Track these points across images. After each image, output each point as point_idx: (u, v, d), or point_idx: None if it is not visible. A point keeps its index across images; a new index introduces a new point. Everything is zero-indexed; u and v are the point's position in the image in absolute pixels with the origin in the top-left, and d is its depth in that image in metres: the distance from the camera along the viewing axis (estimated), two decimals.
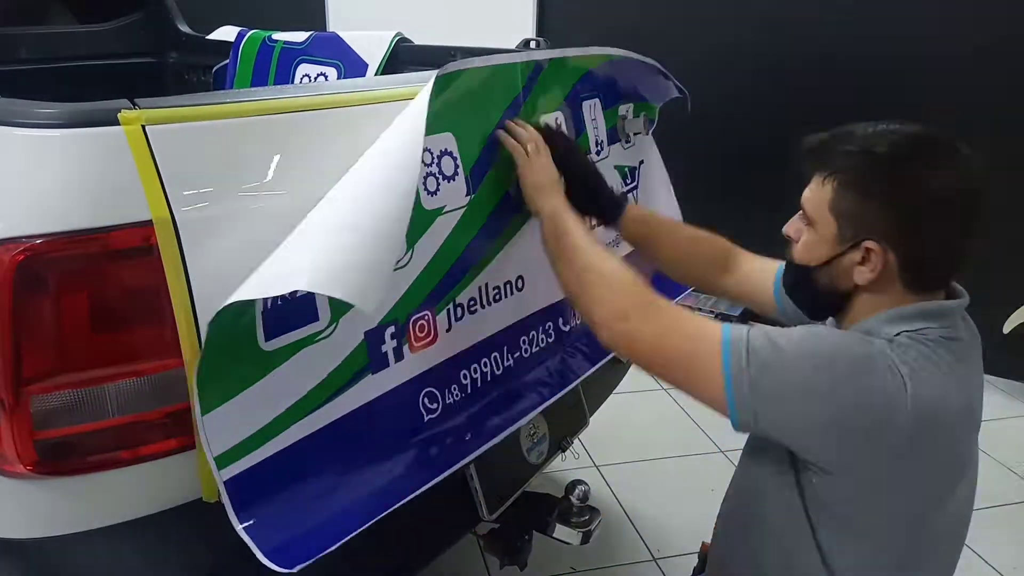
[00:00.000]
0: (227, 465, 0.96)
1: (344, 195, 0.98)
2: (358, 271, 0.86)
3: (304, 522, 1.04)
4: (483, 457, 1.31)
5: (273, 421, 1.01)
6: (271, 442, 1.00)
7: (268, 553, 0.96)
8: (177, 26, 2.60)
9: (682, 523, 2.23)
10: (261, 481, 0.99)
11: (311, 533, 1.03)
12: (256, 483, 0.98)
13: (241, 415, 0.97)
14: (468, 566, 2.04)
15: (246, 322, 0.96)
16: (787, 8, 3.25)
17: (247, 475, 0.98)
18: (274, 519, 1.00)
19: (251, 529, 0.97)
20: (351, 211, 0.95)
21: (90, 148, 0.86)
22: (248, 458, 0.98)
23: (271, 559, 0.96)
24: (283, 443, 1.02)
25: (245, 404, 0.97)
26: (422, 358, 1.21)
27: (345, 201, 0.97)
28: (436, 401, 1.24)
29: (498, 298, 1.34)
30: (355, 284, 0.85)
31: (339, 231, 0.91)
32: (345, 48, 2.11)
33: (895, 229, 1.02)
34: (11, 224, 0.86)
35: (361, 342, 1.10)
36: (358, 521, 1.07)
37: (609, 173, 1.68)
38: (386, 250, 0.91)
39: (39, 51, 2.43)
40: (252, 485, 0.98)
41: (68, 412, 0.92)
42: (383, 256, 0.91)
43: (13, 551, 0.97)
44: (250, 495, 0.98)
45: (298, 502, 1.04)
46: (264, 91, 1.14)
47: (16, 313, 0.86)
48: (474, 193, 1.23)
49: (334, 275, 0.84)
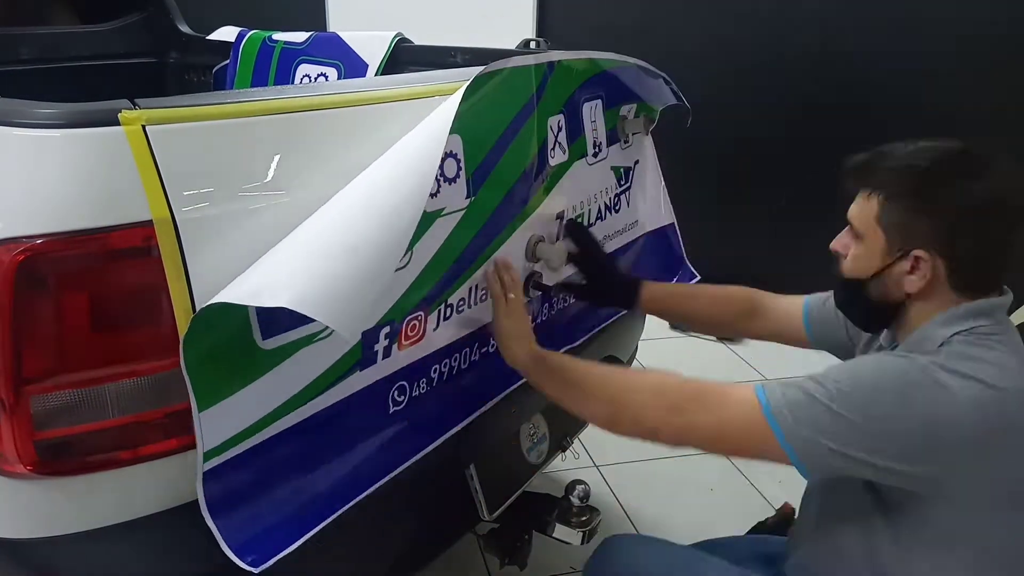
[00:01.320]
0: (210, 459, 0.97)
1: (351, 208, 0.98)
2: (349, 301, 0.86)
3: (273, 514, 1.04)
4: (483, 457, 1.31)
5: (263, 418, 1.01)
6: (254, 436, 1.01)
7: (236, 548, 0.97)
8: (178, 27, 2.60)
9: (682, 523, 2.23)
10: (235, 472, 1.00)
11: (279, 527, 1.04)
12: (230, 474, 0.99)
13: (235, 413, 0.97)
14: (468, 566, 2.04)
15: (241, 320, 0.96)
16: (787, 8, 3.25)
17: (224, 467, 0.98)
18: (243, 512, 1.01)
19: (219, 520, 0.98)
20: (354, 230, 0.94)
21: (91, 148, 0.86)
22: (229, 451, 0.99)
23: (238, 555, 0.97)
24: (262, 436, 1.03)
25: (241, 402, 0.97)
26: (406, 355, 1.22)
27: (351, 216, 0.96)
28: (405, 393, 1.25)
29: (483, 298, 1.35)
30: (343, 312, 0.85)
31: (339, 252, 0.91)
32: (345, 48, 2.11)
33: (941, 236, 1.07)
34: (11, 224, 0.86)
35: (358, 342, 1.11)
36: (323, 514, 1.08)
37: (606, 175, 1.68)
38: (380, 277, 0.92)
39: (40, 51, 2.43)
40: (226, 476, 0.99)
41: (68, 412, 0.92)
42: (376, 283, 0.91)
43: (13, 551, 0.97)
44: (223, 485, 0.98)
45: (268, 494, 1.05)
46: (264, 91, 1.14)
47: (16, 313, 0.86)
48: (474, 196, 1.23)
49: (324, 299, 0.84)
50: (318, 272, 0.88)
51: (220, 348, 0.93)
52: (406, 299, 1.16)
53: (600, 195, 1.67)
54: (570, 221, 1.47)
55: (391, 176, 1.02)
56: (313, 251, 0.92)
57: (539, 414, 1.59)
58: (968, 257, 1.08)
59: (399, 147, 1.07)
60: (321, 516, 1.08)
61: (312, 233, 0.95)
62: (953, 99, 2.91)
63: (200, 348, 0.91)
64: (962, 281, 1.09)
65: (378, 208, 0.97)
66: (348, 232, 0.94)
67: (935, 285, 1.10)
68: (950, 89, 2.94)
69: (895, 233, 1.11)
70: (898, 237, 1.10)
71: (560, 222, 1.53)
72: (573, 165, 1.53)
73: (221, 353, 0.93)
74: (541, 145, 1.39)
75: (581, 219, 1.61)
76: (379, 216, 0.95)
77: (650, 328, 1.81)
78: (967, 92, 2.92)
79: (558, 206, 1.51)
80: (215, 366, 0.93)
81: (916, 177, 1.09)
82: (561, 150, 1.47)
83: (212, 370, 0.93)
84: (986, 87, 2.90)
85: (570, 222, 1.47)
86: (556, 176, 1.47)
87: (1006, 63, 2.87)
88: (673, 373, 1.18)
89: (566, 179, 1.51)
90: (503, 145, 1.27)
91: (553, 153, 1.44)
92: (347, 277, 0.88)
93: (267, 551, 1.00)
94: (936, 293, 1.11)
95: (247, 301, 0.86)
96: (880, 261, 1.13)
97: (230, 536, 0.98)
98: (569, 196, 1.55)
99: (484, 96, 1.20)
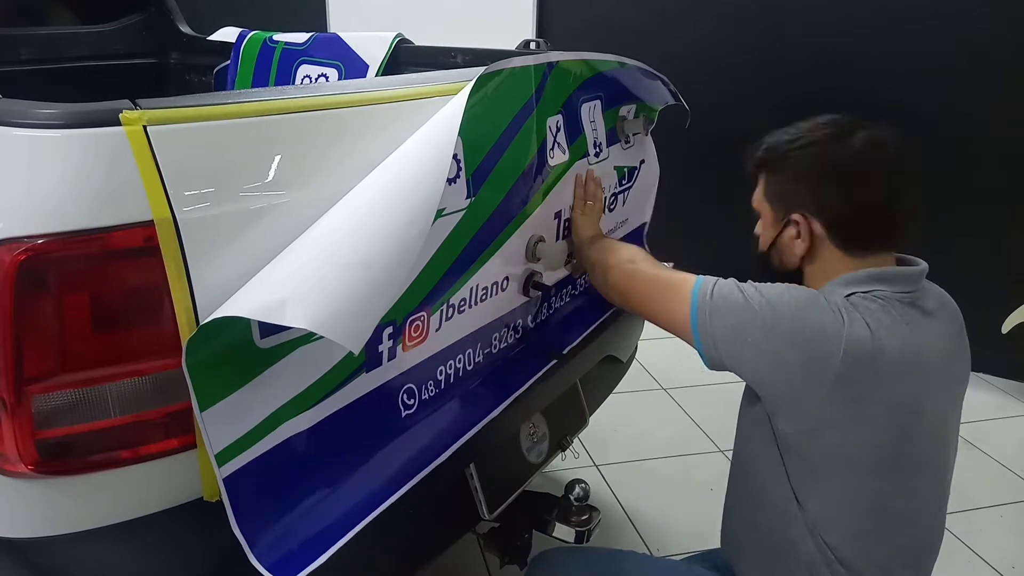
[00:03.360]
0: (226, 462, 0.96)
1: (362, 218, 0.98)
2: (363, 318, 0.88)
3: (298, 524, 1.04)
4: (483, 456, 1.31)
5: (269, 417, 1.01)
6: (266, 438, 1.01)
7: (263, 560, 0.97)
8: (178, 27, 2.60)
9: (681, 522, 2.24)
10: (257, 478, 0.99)
11: (306, 538, 1.03)
12: (252, 480, 0.99)
13: (239, 412, 0.97)
14: (468, 565, 2.04)
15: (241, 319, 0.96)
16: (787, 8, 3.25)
17: (244, 472, 0.98)
18: (270, 519, 1.01)
19: (247, 530, 0.97)
20: (365, 243, 0.94)
21: (92, 148, 0.86)
22: (245, 454, 0.98)
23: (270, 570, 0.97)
24: (277, 439, 1.02)
25: (242, 401, 0.97)
26: (411, 356, 1.22)
27: (362, 228, 0.97)
28: (414, 396, 1.25)
29: (484, 298, 1.36)
30: (357, 330, 0.86)
31: (353, 267, 0.91)
32: (346, 49, 2.11)
33: (810, 198, 1.20)
34: (12, 224, 0.86)
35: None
36: (348, 524, 1.07)
37: (608, 174, 1.69)
38: (391, 291, 0.93)
39: (41, 52, 2.44)
40: (249, 482, 0.98)
41: (70, 412, 0.92)
42: (387, 298, 0.92)
43: (14, 550, 0.97)
44: (247, 492, 0.98)
45: (292, 501, 1.05)
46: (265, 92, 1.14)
47: (17, 313, 0.86)
48: (474, 196, 1.23)
49: (340, 318, 0.85)
50: (334, 290, 0.88)
51: (219, 347, 0.93)
52: (407, 299, 1.16)
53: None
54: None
55: (401, 186, 1.02)
56: (326, 264, 0.92)
57: (539, 414, 1.60)
58: (840, 215, 1.18)
59: (407, 153, 1.07)
60: (347, 526, 1.07)
61: (324, 244, 0.95)
62: (953, 99, 2.92)
63: (200, 348, 0.91)
64: (841, 239, 1.19)
65: (390, 220, 0.97)
66: (359, 246, 0.93)
67: (820, 246, 1.21)
68: (950, 88, 2.94)
69: (777, 202, 1.25)
70: (780, 206, 1.24)
71: (559, 222, 1.54)
72: (574, 165, 1.53)
73: (220, 352, 0.94)
74: (540, 145, 1.39)
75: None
76: (390, 230, 0.96)
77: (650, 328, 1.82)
78: (967, 91, 2.92)
79: (558, 206, 1.52)
80: (214, 365, 0.93)
81: (784, 149, 1.22)
82: (561, 150, 1.47)
83: (212, 369, 0.93)
84: (986, 86, 2.90)
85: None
86: (557, 176, 1.48)
87: (1005, 62, 2.87)
88: (685, 275, 1.28)
89: (567, 179, 1.51)
90: (503, 145, 1.28)
91: (552, 153, 1.44)
92: (361, 295, 0.88)
93: (296, 565, 0.99)
94: (824, 254, 1.21)
95: (263, 317, 0.86)
96: (773, 231, 1.26)
97: (258, 550, 0.98)
98: (570, 196, 1.55)
99: (485, 97, 1.20)
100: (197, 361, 0.91)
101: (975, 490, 2.44)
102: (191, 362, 0.91)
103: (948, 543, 2.23)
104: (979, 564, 2.15)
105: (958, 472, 1.29)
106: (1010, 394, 3.09)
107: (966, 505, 2.35)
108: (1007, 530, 2.30)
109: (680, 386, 3.07)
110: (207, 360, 0.92)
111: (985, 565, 2.15)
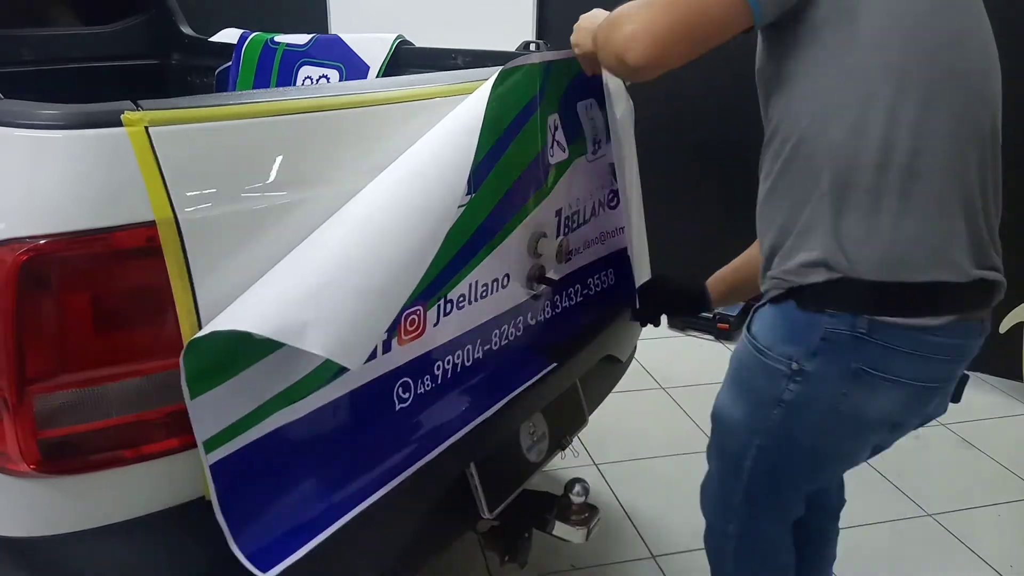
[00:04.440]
0: (213, 450, 0.97)
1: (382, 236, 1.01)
2: (367, 339, 0.96)
3: (283, 515, 1.05)
4: (483, 456, 1.31)
5: (259, 407, 1.02)
6: (255, 428, 1.02)
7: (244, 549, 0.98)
8: (180, 28, 2.60)
9: (681, 521, 2.24)
10: (244, 467, 1.00)
11: (290, 529, 1.04)
12: (238, 469, 0.99)
13: (229, 401, 0.98)
14: (468, 564, 2.05)
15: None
16: None
17: (230, 460, 0.99)
18: (254, 509, 1.02)
19: (231, 518, 0.98)
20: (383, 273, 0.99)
21: (94, 149, 0.87)
22: (233, 442, 0.99)
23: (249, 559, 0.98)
24: (266, 429, 1.03)
25: (233, 390, 0.98)
26: (407, 350, 1.23)
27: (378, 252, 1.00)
28: (410, 391, 1.26)
29: (484, 294, 1.36)
30: (359, 350, 0.94)
31: (368, 293, 0.97)
32: (347, 50, 2.11)
33: None
34: (14, 224, 0.86)
35: None
36: (333, 517, 1.08)
37: (606, 172, 1.69)
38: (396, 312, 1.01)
39: (43, 53, 2.44)
40: (235, 471, 0.99)
41: (71, 411, 0.93)
42: (391, 318, 1.00)
43: (16, 550, 0.98)
44: (233, 481, 0.99)
45: (279, 492, 1.06)
46: (267, 93, 1.15)
47: (19, 313, 0.87)
48: (474, 193, 1.24)
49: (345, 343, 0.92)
50: (349, 319, 0.94)
51: (213, 337, 0.94)
52: None
53: (597, 191, 1.69)
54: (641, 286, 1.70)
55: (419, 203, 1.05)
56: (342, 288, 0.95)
57: (539, 413, 1.60)
58: None
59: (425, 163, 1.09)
60: (332, 518, 1.08)
61: (341, 263, 0.98)
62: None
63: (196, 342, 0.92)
64: None
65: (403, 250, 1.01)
66: (376, 273, 0.98)
67: None
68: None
69: None
70: None
71: (560, 219, 1.54)
72: (574, 163, 1.53)
73: (213, 342, 0.94)
74: (543, 143, 1.40)
75: (579, 215, 1.62)
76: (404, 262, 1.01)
77: (649, 327, 1.82)
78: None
79: (558, 203, 1.52)
80: (207, 354, 0.94)
81: None
82: (560, 148, 1.48)
83: (204, 359, 0.93)
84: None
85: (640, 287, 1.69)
86: (557, 174, 1.49)
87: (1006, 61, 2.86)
88: None
89: (566, 177, 1.52)
90: (504, 143, 1.28)
91: (552, 151, 1.45)
92: (372, 323, 0.97)
93: (277, 555, 1.00)
94: None
95: (282, 338, 0.90)
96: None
97: (241, 539, 0.99)
98: (570, 193, 1.56)
99: (498, 95, 1.21)
100: (190, 349, 0.92)
101: (974, 489, 2.44)
102: (185, 354, 0.91)
103: (947, 542, 2.24)
104: (978, 563, 2.15)
105: (958, 472, 1.28)
106: (1008, 393, 3.09)
107: (965, 504, 2.35)
108: (1006, 529, 2.30)
109: (679, 385, 3.07)
110: (200, 349, 0.93)
111: (983, 564, 2.15)
